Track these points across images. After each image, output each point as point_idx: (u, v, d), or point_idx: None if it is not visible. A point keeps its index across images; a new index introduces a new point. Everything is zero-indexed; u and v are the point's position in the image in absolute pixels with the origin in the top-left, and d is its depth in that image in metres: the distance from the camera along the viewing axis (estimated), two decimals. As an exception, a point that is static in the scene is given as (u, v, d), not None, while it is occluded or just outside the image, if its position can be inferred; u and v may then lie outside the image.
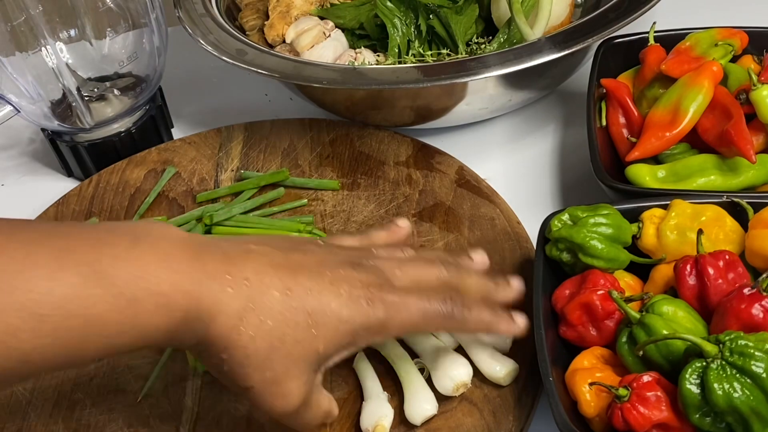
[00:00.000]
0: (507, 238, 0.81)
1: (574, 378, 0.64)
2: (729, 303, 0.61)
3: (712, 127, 0.78)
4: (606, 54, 0.89)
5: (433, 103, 0.90)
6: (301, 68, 0.88)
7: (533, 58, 0.83)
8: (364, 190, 0.88)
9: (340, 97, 0.92)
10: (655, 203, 0.72)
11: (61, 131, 0.95)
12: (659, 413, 0.59)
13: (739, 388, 0.56)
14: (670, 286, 0.68)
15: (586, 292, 0.66)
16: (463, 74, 0.83)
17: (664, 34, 0.87)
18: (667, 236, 0.69)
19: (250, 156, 0.94)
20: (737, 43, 0.83)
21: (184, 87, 1.09)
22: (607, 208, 0.71)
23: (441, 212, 0.85)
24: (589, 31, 0.85)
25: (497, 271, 0.78)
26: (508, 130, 0.98)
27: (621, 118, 0.84)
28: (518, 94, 0.92)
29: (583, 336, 0.67)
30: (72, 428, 0.72)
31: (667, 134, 0.78)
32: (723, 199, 0.71)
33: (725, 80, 0.80)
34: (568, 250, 0.70)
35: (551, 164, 0.93)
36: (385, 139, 0.93)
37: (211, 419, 0.71)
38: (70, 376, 0.75)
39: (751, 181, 0.76)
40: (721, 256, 0.65)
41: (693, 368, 0.57)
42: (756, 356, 0.56)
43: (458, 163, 0.90)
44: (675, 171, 0.78)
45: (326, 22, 0.99)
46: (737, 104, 0.77)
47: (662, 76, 0.83)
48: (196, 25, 0.95)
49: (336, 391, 0.71)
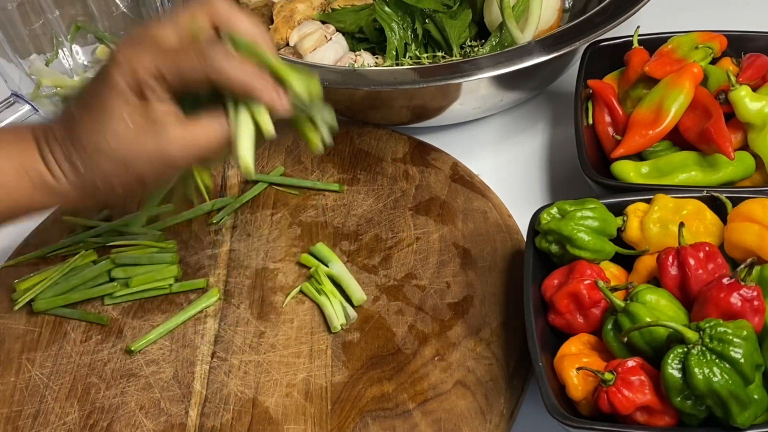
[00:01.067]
0: (499, 231, 0.81)
1: (562, 363, 0.63)
2: (709, 292, 0.61)
3: (693, 125, 0.77)
4: (592, 56, 0.88)
5: (429, 103, 0.90)
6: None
7: (523, 61, 0.82)
8: (364, 185, 0.88)
9: (340, 97, 0.92)
10: (639, 198, 0.72)
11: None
12: (643, 396, 0.59)
13: (718, 372, 0.56)
14: (653, 276, 0.68)
15: (574, 282, 0.66)
16: (457, 76, 0.82)
17: (647, 38, 0.87)
18: (650, 229, 0.69)
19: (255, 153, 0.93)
20: (717, 46, 0.83)
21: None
22: (593, 202, 0.70)
23: (436, 206, 0.84)
24: (576, 35, 0.84)
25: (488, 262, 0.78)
26: (500, 129, 0.97)
27: (607, 117, 0.83)
28: (509, 95, 0.92)
29: (570, 323, 0.67)
30: (86, 410, 0.71)
31: (651, 132, 0.78)
32: (703, 194, 0.71)
33: (705, 81, 0.80)
34: (557, 242, 0.70)
35: (541, 161, 0.93)
36: (384, 137, 0.93)
37: (219, 401, 0.71)
38: (86, 361, 0.75)
39: (729, 177, 0.76)
40: (702, 248, 0.64)
41: (675, 354, 0.57)
42: (734, 342, 0.56)
43: (452, 159, 0.89)
44: (658, 167, 0.77)
45: (327, 26, 0.98)
46: (717, 104, 0.77)
47: (646, 77, 0.82)
48: (205, 28, 0.94)
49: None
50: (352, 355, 0.73)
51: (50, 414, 0.71)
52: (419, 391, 0.70)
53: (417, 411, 0.68)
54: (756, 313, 0.60)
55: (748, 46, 0.84)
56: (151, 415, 0.70)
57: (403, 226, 0.83)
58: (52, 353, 0.76)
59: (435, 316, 0.75)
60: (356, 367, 0.72)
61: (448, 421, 0.67)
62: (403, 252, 0.81)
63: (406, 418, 0.68)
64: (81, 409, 0.71)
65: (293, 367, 0.72)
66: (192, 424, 0.70)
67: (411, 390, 0.70)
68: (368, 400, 0.69)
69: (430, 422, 0.67)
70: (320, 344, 0.74)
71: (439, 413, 0.68)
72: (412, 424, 0.67)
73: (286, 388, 0.71)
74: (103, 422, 0.70)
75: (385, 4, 0.94)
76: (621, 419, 0.60)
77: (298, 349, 0.74)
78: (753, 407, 0.57)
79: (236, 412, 0.70)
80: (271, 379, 0.72)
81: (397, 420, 0.68)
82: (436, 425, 0.67)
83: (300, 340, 0.74)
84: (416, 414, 0.68)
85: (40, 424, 0.71)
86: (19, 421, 0.71)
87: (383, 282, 0.78)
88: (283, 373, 0.72)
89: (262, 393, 0.71)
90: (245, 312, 0.77)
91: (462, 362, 0.71)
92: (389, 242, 0.82)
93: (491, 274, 0.77)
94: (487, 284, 0.77)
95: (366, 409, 0.69)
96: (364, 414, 0.69)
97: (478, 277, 0.77)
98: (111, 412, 0.71)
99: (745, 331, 0.57)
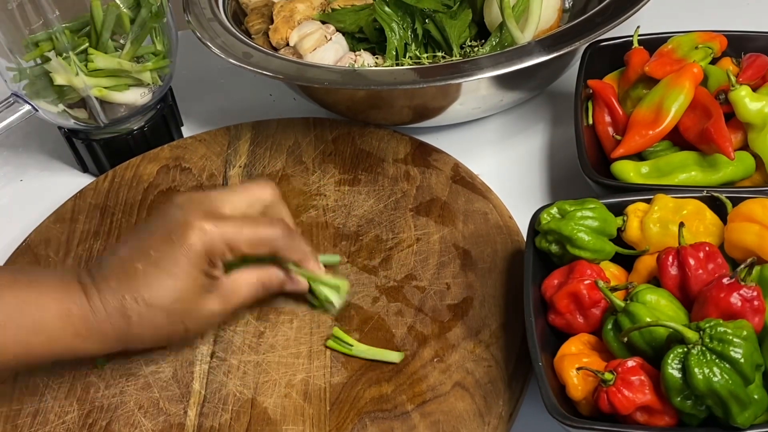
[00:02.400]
0: (499, 232, 0.81)
1: (562, 363, 0.63)
2: (709, 292, 0.61)
3: (693, 125, 0.77)
4: (592, 56, 0.88)
5: (429, 103, 0.90)
6: (304, 70, 0.87)
7: (523, 61, 0.82)
8: (365, 186, 0.88)
9: (341, 97, 0.92)
10: (639, 198, 0.72)
11: (77, 129, 0.95)
12: (643, 396, 0.59)
13: (718, 372, 0.56)
14: (653, 276, 0.67)
15: (574, 282, 0.66)
16: (457, 76, 0.82)
17: (647, 38, 0.87)
18: (650, 229, 0.69)
19: (257, 153, 0.93)
20: (717, 46, 0.83)
21: (193, 88, 1.09)
22: (593, 202, 0.70)
23: (437, 207, 0.84)
24: (576, 35, 0.84)
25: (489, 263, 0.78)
26: (500, 129, 0.97)
27: (607, 117, 0.83)
28: (509, 95, 0.92)
29: (570, 323, 0.67)
30: (86, 410, 0.71)
31: (651, 132, 0.78)
32: (703, 194, 0.71)
33: (705, 81, 0.80)
34: (557, 242, 0.70)
35: (541, 161, 0.93)
36: (385, 138, 0.93)
37: (218, 401, 0.71)
38: (85, 360, 0.75)
39: (729, 177, 0.76)
40: (702, 248, 0.64)
41: (675, 354, 0.57)
42: (734, 342, 0.56)
43: (453, 160, 0.89)
44: (658, 167, 0.77)
45: (327, 26, 0.98)
46: (717, 104, 0.76)
47: (646, 77, 0.82)
48: (205, 29, 0.94)
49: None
50: (351, 356, 0.73)
51: (49, 413, 0.71)
52: (418, 392, 0.69)
53: (415, 412, 0.68)
54: (756, 313, 0.60)
55: (748, 46, 0.84)
56: (150, 414, 0.70)
57: (404, 226, 0.83)
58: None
59: (434, 317, 0.75)
60: (355, 368, 0.72)
61: (447, 423, 0.67)
62: (404, 253, 0.80)
63: (405, 419, 0.68)
64: (80, 408, 0.71)
65: (292, 368, 0.72)
66: (191, 424, 0.69)
67: (410, 391, 0.70)
68: (367, 402, 0.69)
69: (428, 424, 0.67)
70: (319, 345, 0.74)
71: (438, 415, 0.68)
72: (411, 425, 0.67)
73: (285, 389, 0.71)
74: (102, 421, 0.70)
75: (385, 4, 0.94)
76: (621, 419, 0.60)
77: (297, 350, 0.74)
78: (753, 407, 0.57)
79: (235, 413, 0.70)
80: (270, 379, 0.72)
81: (395, 421, 0.68)
82: (435, 427, 0.67)
83: (299, 341, 0.74)
84: (415, 415, 0.68)
85: (39, 423, 0.71)
86: (19, 419, 0.71)
87: (383, 283, 0.78)
88: (282, 373, 0.72)
89: (261, 393, 0.71)
90: (244, 312, 0.77)
91: (461, 364, 0.71)
92: (389, 243, 0.82)
93: (491, 276, 0.77)
94: (486, 286, 0.77)
95: (364, 411, 0.69)
96: (363, 415, 0.68)
97: (478, 279, 0.77)
98: (110, 411, 0.71)
99: (745, 331, 0.57)
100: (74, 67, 0.86)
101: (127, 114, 0.94)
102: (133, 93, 0.92)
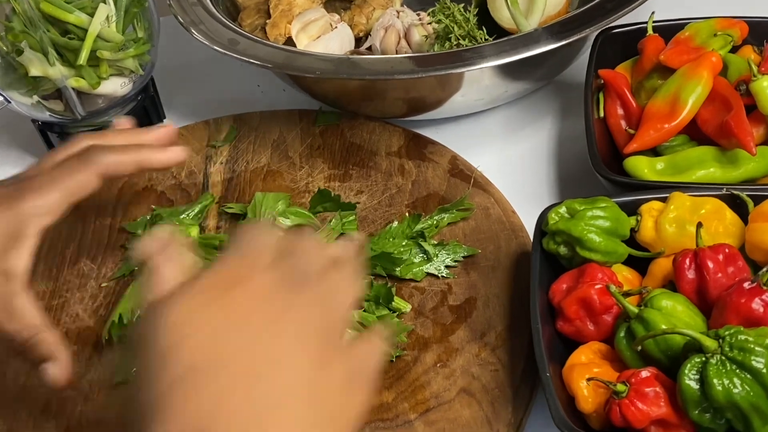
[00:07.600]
0: (502, 228, 0.81)
1: (571, 373, 0.63)
2: (729, 297, 0.60)
3: (712, 118, 0.77)
4: (604, 44, 0.88)
5: (428, 95, 0.89)
6: (294, 58, 0.87)
7: (530, 49, 0.82)
8: (356, 181, 0.87)
9: (333, 87, 0.92)
10: (653, 196, 0.72)
11: (52, 122, 0.94)
12: (658, 409, 0.59)
13: (738, 383, 0.55)
14: (669, 280, 0.67)
15: (584, 286, 0.65)
16: (459, 65, 0.82)
17: (662, 24, 0.87)
18: (665, 229, 0.69)
19: (239, 148, 0.93)
20: (737, 33, 0.83)
21: (176, 77, 1.08)
22: (605, 200, 0.70)
23: (435, 202, 0.84)
24: (586, 21, 0.84)
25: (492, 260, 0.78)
26: (505, 122, 0.97)
27: (619, 109, 0.83)
28: (514, 86, 0.91)
29: (580, 331, 0.66)
30: (63, 426, 0.71)
31: (666, 126, 0.78)
32: (722, 192, 0.71)
33: (725, 71, 0.80)
34: (566, 244, 0.70)
35: (548, 156, 0.92)
36: (377, 130, 0.92)
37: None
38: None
39: (751, 174, 0.76)
40: (721, 250, 0.64)
41: (692, 363, 0.57)
42: (756, 351, 0.56)
43: (451, 152, 0.89)
44: (674, 163, 0.77)
45: (332, 15, 0.98)
46: (737, 95, 0.76)
47: (661, 66, 0.82)
48: (187, 13, 0.94)
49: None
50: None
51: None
52: (421, 400, 0.69)
53: (419, 421, 0.68)
54: (779, 320, 0.59)
55: (770, 33, 0.84)
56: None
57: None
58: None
59: (436, 319, 0.75)
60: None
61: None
62: (401, 253, 0.80)
63: (407, 429, 0.67)
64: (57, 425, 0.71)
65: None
66: None
67: (412, 399, 0.69)
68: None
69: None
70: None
71: (443, 423, 0.67)
72: (413, 437, 0.67)
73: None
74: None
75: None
76: (634, 434, 0.60)
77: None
78: (776, 421, 0.57)
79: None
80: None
81: (397, 431, 0.68)
82: (439, 437, 0.67)
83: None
84: (418, 425, 0.68)
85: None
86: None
87: (380, 286, 0.78)
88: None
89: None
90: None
91: (466, 369, 0.71)
92: (386, 243, 0.81)
93: (495, 274, 0.77)
94: (490, 285, 0.77)
95: (364, 420, 0.68)
96: (363, 425, 0.68)
97: (481, 278, 0.77)
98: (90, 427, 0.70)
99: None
100: (51, 57, 0.85)
101: (106, 106, 0.94)
102: (113, 83, 0.92)
